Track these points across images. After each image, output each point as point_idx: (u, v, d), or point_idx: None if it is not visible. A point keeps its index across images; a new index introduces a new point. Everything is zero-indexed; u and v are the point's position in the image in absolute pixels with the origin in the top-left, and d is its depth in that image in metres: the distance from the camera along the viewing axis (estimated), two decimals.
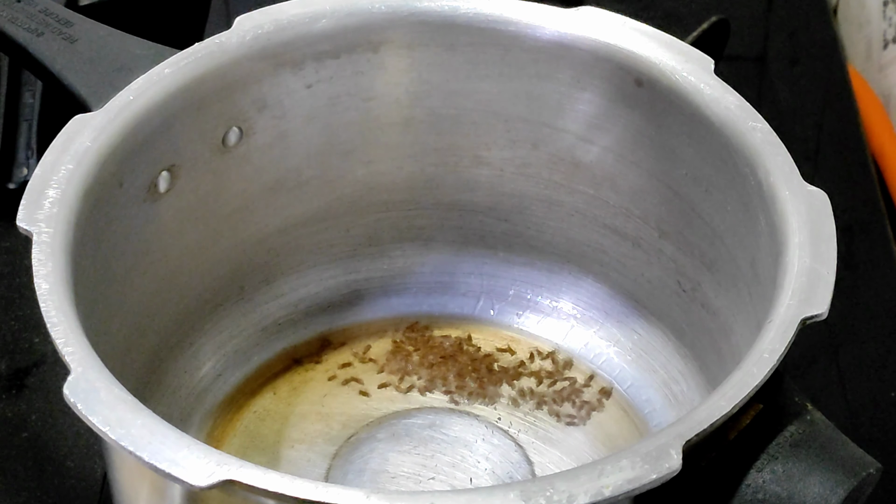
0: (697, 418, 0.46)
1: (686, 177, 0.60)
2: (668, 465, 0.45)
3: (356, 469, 0.60)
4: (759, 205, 0.55)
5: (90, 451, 0.66)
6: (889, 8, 0.90)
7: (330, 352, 0.66)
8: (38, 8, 0.63)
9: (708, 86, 0.58)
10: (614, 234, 0.64)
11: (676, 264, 0.62)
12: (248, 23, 0.60)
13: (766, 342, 0.49)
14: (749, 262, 0.56)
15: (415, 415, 0.63)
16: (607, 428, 0.63)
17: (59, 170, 0.54)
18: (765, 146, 0.56)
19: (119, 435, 0.45)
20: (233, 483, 0.44)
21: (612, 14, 0.61)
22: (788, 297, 0.50)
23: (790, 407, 0.50)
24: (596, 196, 0.64)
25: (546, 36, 0.61)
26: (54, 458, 0.66)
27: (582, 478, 0.44)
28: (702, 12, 0.87)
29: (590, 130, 0.62)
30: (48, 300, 0.49)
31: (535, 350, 0.66)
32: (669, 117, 0.60)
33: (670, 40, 0.60)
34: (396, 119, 0.64)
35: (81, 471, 0.65)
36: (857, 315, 0.75)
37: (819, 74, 0.91)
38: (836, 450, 0.50)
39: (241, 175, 0.62)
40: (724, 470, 0.49)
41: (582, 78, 0.61)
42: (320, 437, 0.62)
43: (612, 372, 0.65)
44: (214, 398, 0.63)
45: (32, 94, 0.79)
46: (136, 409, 0.46)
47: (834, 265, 0.52)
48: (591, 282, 0.66)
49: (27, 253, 0.51)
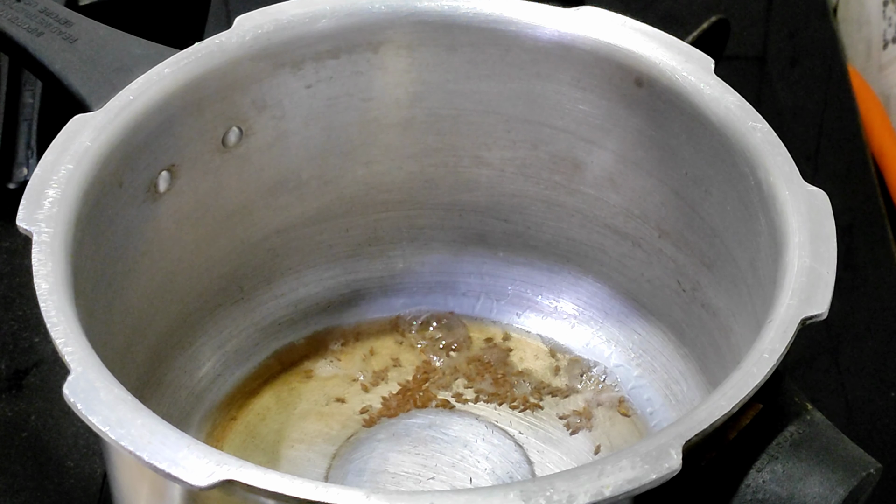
0: (697, 418, 0.46)
1: (686, 176, 0.60)
2: (668, 465, 0.45)
3: (356, 469, 0.60)
4: (759, 204, 0.55)
5: (90, 450, 0.66)
6: (889, 8, 0.90)
7: (330, 352, 0.66)
8: (38, 8, 0.63)
9: (708, 86, 0.58)
10: (614, 234, 0.65)
11: (676, 264, 0.62)
12: (247, 23, 0.60)
13: (766, 342, 0.49)
14: (749, 261, 0.56)
15: (415, 415, 0.63)
16: (607, 428, 0.63)
17: (59, 170, 0.54)
18: (765, 146, 0.56)
19: (119, 435, 0.45)
20: (233, 483, 0.44)
21: (612, 14, 0.61)
22: (788, 297, 0.50)
23: (790, 407, 0.50)
24: (596, 196, 0.64)
25: (546, 36, 0.61)
26: (54, 458, 0.66)
27: (582, 478, 0.44)
28: (702, 12, 0.87)
29: (590, 130, 0.62)
30: (48, 300, 0.49)
31: (535, 350, 0.66)
32: (669, 117, 0.60)
33: (670, 40, 0.60)
34: (396, 119, 0.64)
35: (81, 471, 0.65)
36: (857, 315, 0.75)
37: (819, 74, 0.91)
38: (836, 450, 0.50)
39: (241, 175, 0.62)
40: (724, 470, 0.49)
41: (582, 78, 0.61)
42: (320, 437, 0.62)
43: (612, 372, 0.65)
44: (214, 398, 0.63)
45: (32, 94, 0.79)
46: (136, 408, 0.46)
47: (834, 265, 0.52)
48: (591, 282, 0.66)
49: (27, 253, 0.51)
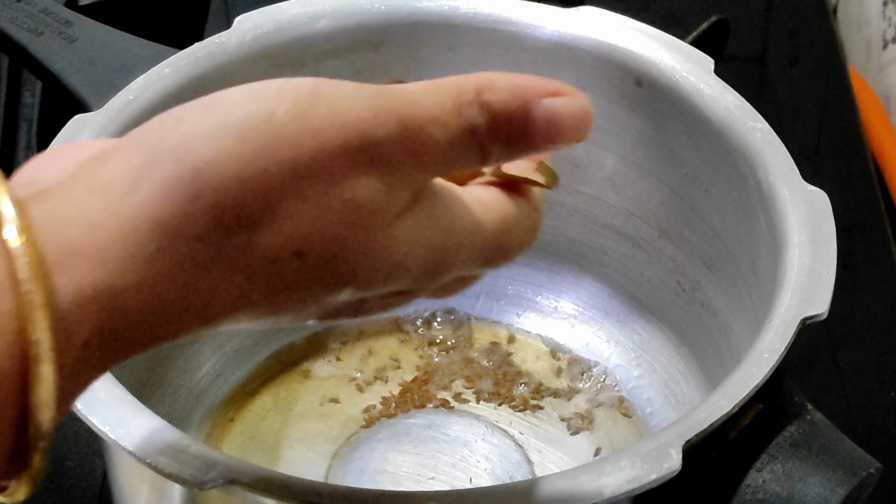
0: (697, 418, 0.46)
1: (686, 176, 0.60)
2: (667, 464, 0.45)
3: (356, 469, 0.60)
4: (759, 204, 0.55)
5: (90, 450, 0.66)
6: (888, 8, 0.90)
7: (330, 352, 0.66)
8: (38, 8, 0.63)
9: (708, 86, 0.58)
10: (614, 233, 0.64)
11: (676, 264, 0.62)
12: (247, 23, 0.60)
13: (765, 342, 0.49)
14: (749, 261, 0.56)
15: (415, 415, 0.63)
16: (607, 428, 0.63)
17: None
18: (765, 146, 0.56)
19: (119, 435, 0.45)
20: (232, 483, 0.44)
21: (612, 14, 0.61)
22: (788, 297, 0.50)
23: (790, 407, 0.50)
24: (596, 196, 0.64)
25: (546, 36, 0.61)
26: (54, 458, 0.66)
27: (582, 478, 0.44)
28: (701, 12, 0.87)
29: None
30: None
31: (535, 350, 0.66)
32: (669, 117, 0.60)
33: (670, 40, 0.60)
34: None
35: (81, 471, 0.65)
36: (857, 315, 0.75)
37: (819, 74, 0.91)
38: (837, 449, 0.50)
39: None
40: (723, 470, 0.49)
41: (582, 78, 0.61)
42: (320, 437, 0.62)
43: (612, 372, 0.65)
44: (214, 398, 0.63)
45: (32, 94, 0.79)
46: (136, 409, 0.46)
47: (834, 265, 0.52)
48: (591, 281, 0.66)
49: None
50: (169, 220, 0.34)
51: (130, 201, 0.33)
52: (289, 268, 0.35)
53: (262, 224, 0.34)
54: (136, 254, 0.33)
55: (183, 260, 0.34)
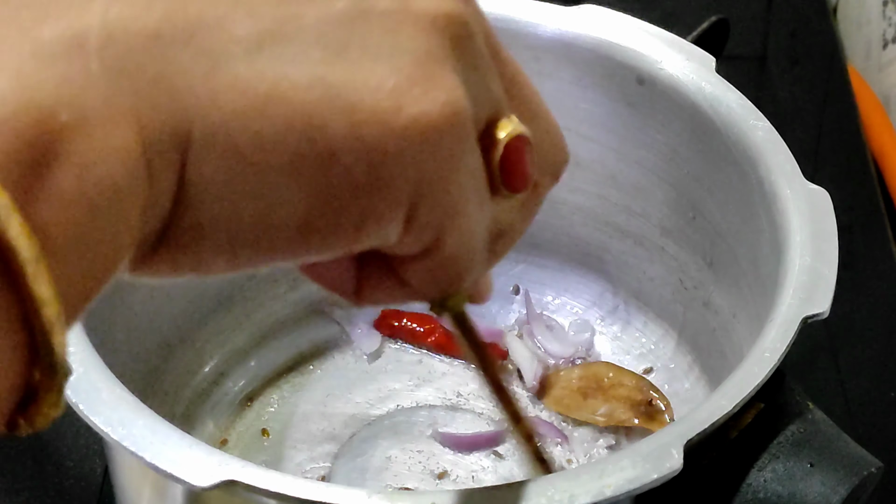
0: (699, 417, 0.46)
1: (687, 175, 0.60)
2: (669, 464, 0.45)
3: (358, 468, 0.60)
4: (761, 203, 0.55)
5: (90, 450, 0.66)
6: (889, 8, 0.90)
7: (330, 351, 0.66)
8: None
9: (709, 84, 0.58)
10: (616, 232, 0.64)
11: (678, 262, 0.62)
12: None
13: (767, 341, 0.49)
14: (750, 260, 0.56)
15: (416, 413, 0.63)
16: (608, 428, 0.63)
17: None
18: (766, 144, 0.56)
19: (121, 435, 0.45)
20: (234, 483, 0.43)
21: (613, 12, 0.61)
22: (790, 296, 0.50)
23: (791, 406, 0.50)
24: (598, 194, 0.64)
25: (547, 34, 0.61)
26: (54, 457, 0.66)
27: (583, 477, 0.44)
28: (702, 12, 0.87)
29: (591, 128, 0.62)
30: None
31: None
32: (671, 115, 0.59)
33: (672, 38, 0.60)
34: None
35: (81, 470, 0.65)
36: (857, 315, 0.75)
37: (819, 74, 0.91)
38: (838, 449, 0.50)
39: None
40: (725, 469, 0.49)
41: (583, 76, 0.61)
42: (322, 437, 0.62)
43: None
44: (216, 398, 0.63)
45: None
46: (138, 409, 0.46)
47: (835, 264, 0.52)
48: (593, 279, 0.66)
49: None
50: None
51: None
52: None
53: None
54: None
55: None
